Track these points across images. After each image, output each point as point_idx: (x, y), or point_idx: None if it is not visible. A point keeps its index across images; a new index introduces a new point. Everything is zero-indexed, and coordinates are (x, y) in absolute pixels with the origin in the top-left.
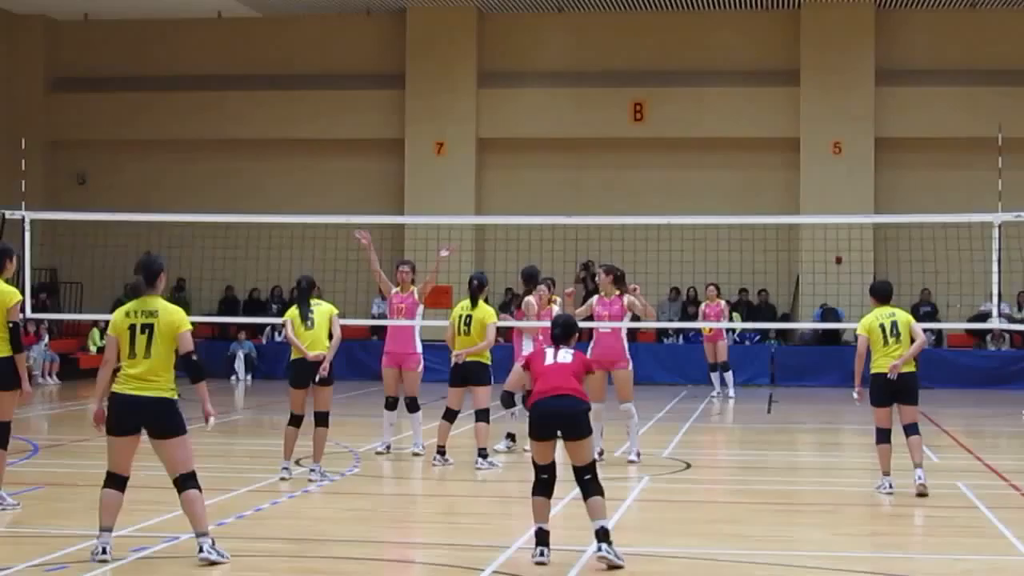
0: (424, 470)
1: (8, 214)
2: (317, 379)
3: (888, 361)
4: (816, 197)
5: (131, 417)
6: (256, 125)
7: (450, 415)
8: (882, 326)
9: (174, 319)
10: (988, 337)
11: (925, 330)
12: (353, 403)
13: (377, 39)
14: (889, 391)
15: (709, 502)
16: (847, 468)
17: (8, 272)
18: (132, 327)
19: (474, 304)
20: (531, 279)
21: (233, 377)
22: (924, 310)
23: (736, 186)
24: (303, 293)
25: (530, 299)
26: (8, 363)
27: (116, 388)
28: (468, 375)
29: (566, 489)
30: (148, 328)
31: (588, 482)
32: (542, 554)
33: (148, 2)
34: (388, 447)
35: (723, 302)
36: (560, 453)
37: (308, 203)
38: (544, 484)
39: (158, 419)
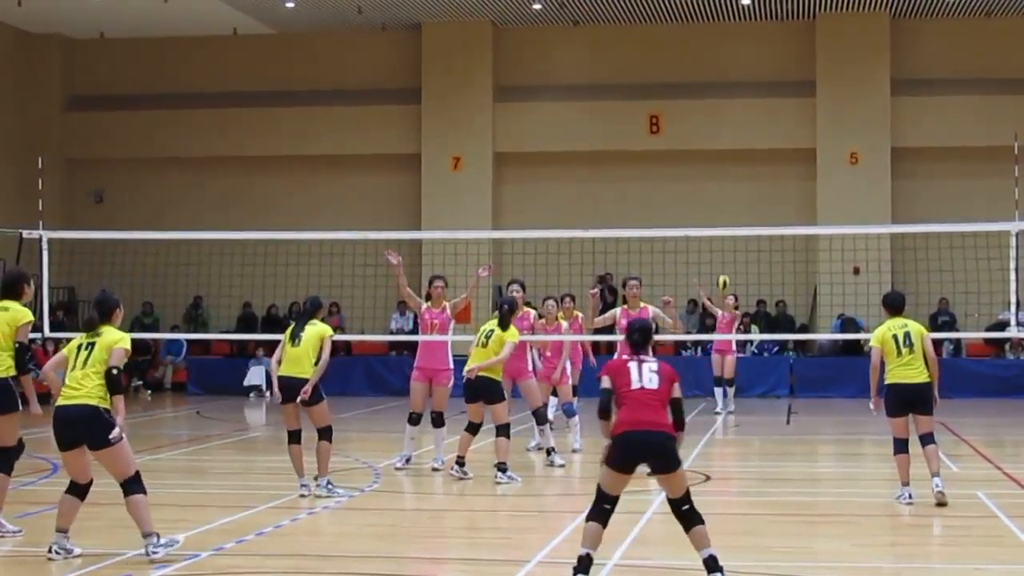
0: (444, 485)
1: (26, 233)
2: (299, 400)
3: (903, 372)
4: (833, 207)
5: (66, 431)
6: (272, 142)
7: (473, 428)
8: (895, 337)
9: (114, 336)
10: (1007, 346)
11: (943, 341)
12: (373, 418)
13: (393, 54)
14: (905, 401)
15: (728, 514)
16: (867, 479)
17: (26, 297)
18: (79, 347)
19: (504, 327)
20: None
21: (252, 394)
22: (942, 319)
23: (753, 197)
24: (305, 313)
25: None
26: (5, 385)
27: (56, 404)
28: (479, 391)
29: (582, 503)
30: (90, 346)
31: (687, 512)
32: None
33: (164, 20)
34: (408, 459)
35: (739, 314)
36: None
37: (325, 219)
38: (605, 513)
39: (89, 430)
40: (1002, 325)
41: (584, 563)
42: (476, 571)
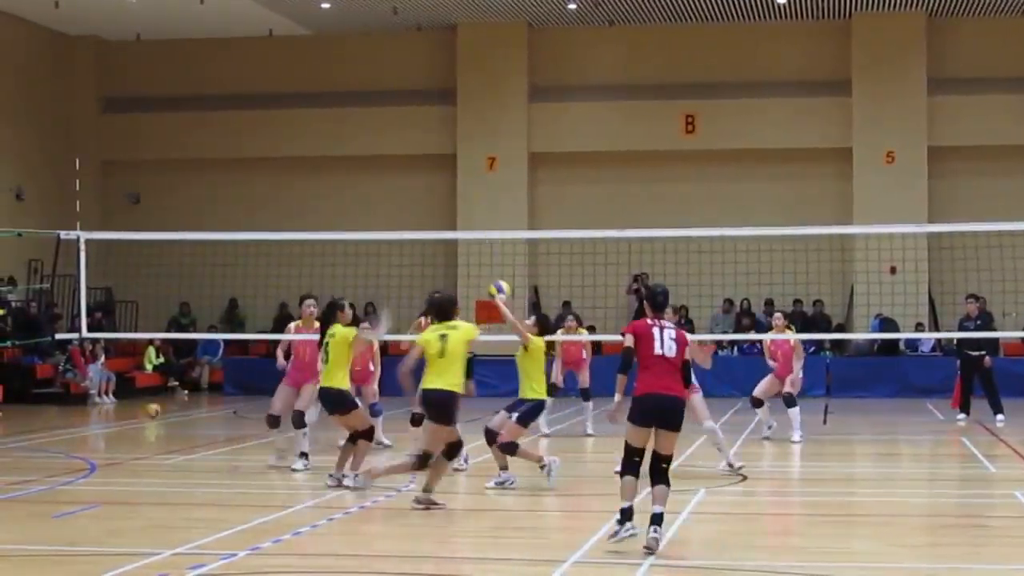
0: (478, 485)
1: (63, 235)
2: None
3: None
4: (869, 207)
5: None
6: (308, 142)
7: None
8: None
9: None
10: None
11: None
12: (407, 418)
13: (428, 55)
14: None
15: (765, 514)
16: (904, 479)
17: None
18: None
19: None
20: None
21: None
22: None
23: (789, 197)
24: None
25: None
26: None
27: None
28: None
29: (612, 503)
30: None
31: (664, 471)
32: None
33: (199, 21)
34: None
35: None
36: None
37: (361, 220)
38: (635, 465)
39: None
40: None
41: (627, 514)
42: (511, 571)
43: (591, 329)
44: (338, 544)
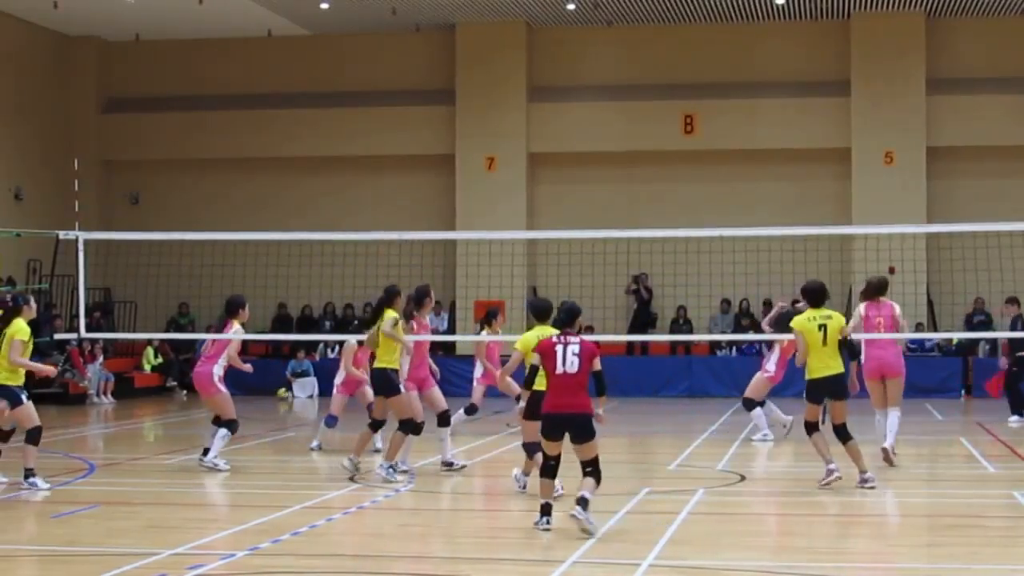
0: (477, 486)
1: (62, 234)
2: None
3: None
4: (868, 207)
5: None
6: (307, 143)
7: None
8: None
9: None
10: None
11: (979, 341)
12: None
13: (427, 55)
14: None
15: (764, 514)
16: (903, 479)
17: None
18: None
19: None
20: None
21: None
22: (978, 319)
23: (788, 197)
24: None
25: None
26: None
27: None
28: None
29: (618, 503)
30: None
31: (590, 472)
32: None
33: (198, 22)
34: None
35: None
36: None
37: (360, 220)
38: (552, 468)
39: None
40: None
41: (545, 509)
42: (511, 571)
43: (589, 329)
44: (337, 544)
